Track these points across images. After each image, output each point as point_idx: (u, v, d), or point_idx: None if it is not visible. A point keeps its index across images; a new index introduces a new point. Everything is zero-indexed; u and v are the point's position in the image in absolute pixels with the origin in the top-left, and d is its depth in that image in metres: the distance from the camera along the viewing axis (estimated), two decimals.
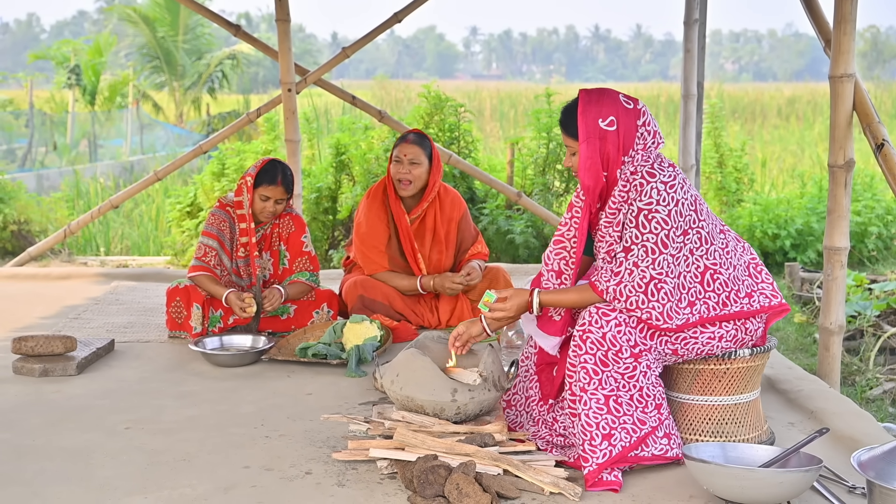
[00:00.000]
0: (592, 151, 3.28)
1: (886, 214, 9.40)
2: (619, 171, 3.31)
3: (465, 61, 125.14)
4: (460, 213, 5.42)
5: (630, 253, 3.23)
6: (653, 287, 3.19)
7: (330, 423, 3.75)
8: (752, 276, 3.42)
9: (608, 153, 3.29)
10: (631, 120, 3.31)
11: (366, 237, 5.30)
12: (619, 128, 3.29)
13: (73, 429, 3.69)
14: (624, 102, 3.32)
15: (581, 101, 3.33)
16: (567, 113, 3.38)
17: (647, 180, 3.24)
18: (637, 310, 3.21)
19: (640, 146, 3.31)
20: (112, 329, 5.38)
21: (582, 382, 3.19)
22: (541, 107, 9.31)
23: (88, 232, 10.24)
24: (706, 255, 3.30)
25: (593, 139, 3.28)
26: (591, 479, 3.13)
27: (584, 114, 3.30)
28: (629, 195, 3.28)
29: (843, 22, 4.54)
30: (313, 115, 11.40)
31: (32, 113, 18.78)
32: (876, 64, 59.69)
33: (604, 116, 3.28)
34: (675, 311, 3.22)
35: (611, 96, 3.33)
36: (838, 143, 4.63)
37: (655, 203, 3.22)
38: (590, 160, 3.28)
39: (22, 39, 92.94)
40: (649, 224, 3.21)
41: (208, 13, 7.89)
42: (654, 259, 3.20)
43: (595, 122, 3.28)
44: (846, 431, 3.63)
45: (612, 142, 3.28)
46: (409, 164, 5.16)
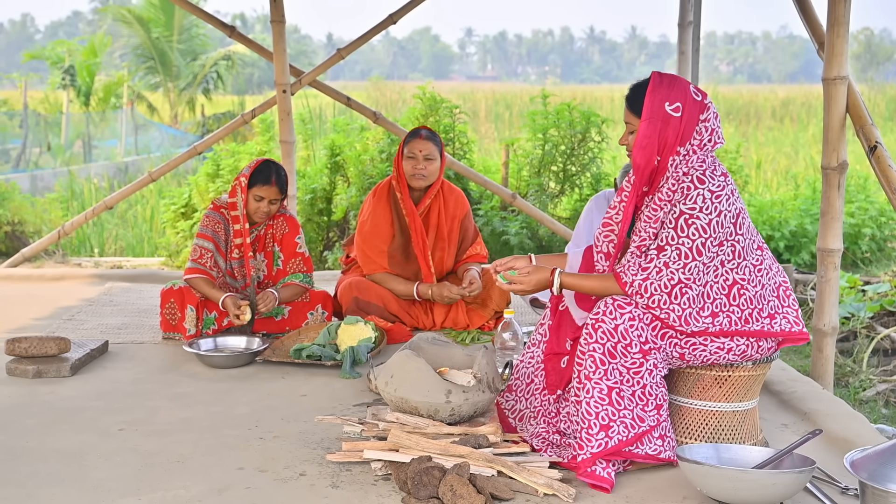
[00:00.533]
0: (652, 132, 3.29)
1: (880, 216, 9.42)
2: (671, 161, 3.31)
3: (461, 62, 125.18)
4: (464, 212, 5.44)
5: (663, 252, 3.24)
6: (678, 290, 3.21)
7: (324, 425, 3.75)
8: (780, 298, 3.40)
9: (667, 138, 3.29)
10: (695, 111, 3.32)
11: (368, 236, 5.29)
12: (683, 116, 3.29)
13: (66, 430, 3.69)
14: (693, 93, 3.33)
15: (652, 81, 3.34)
16: (636, 90, 3.40)
17: (695, 185, 3.24)
18: (657, 308, 3.22)
19: (696, 141, 3.31)
20: (106, 330, 5.37)
21: (588, 370, 3.21)
22: (536, 108, 9.31)
23: (82, 233, 10.22)
24: (737, 269, 3.30)
25: (655, 120, 3.29)
26: (583, 468, 3.15)
27: (652, 93, 3.31)
28: (674, 196, 3.28)
29: (837, 24, 4.55)
30: (308, 116, 11.39)
31: (27, 113, 18.74)
32: (870, 66, 59.80)
33: (671, 101, 3.29)
34: (694, 317, 3.23)
35: (682, 84, 3.34)
36: (832, 146, 4.64)
37: (699, 210, 3.22)
38: (647, 139, 3.29)
39: (16, 40, 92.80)
40: (688, 229, 3.22)
41: (203, 14, 7.88)
42: (686, 264, 3.21)
43: (661, 104, 3.29)
44: (839, 433, 3.64)
45: (673, 127, 3.29)
46: (423, 159, 5.18)
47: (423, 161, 5.18)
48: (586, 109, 9.13)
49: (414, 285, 5.25)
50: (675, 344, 3.29)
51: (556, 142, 8.96)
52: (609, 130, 9.21)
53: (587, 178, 8.96)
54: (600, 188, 8.76)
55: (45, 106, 23.38)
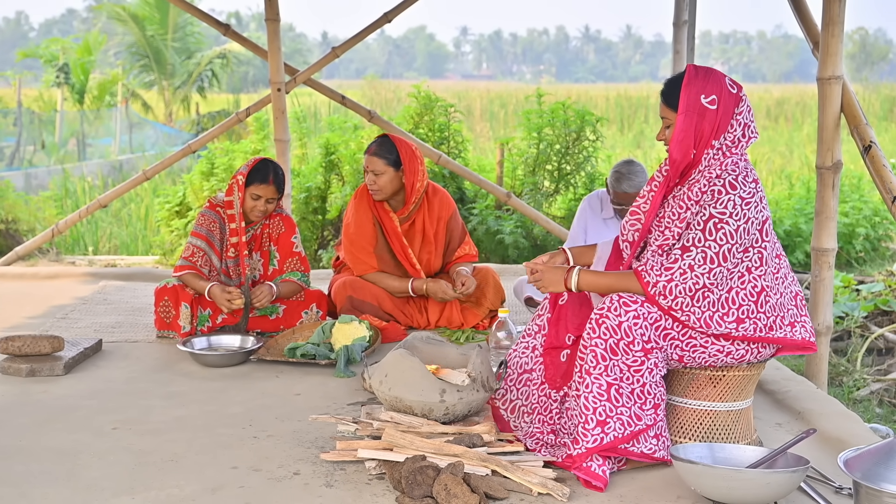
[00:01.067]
0: (689, 125, 3.28)
1: (874, 216, 9.44)
2: (706, 154, 3.29)
3: (456, 61, 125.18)
4: (449, 213, 5.41)
5: (688, 253, 3.23)
6: (700, 294, 3.21)
7: (318, 424, 3.74)
8: (798, 307, 3.40)
9: (703, 131, 3.28)
10: (731, 104, 3.30)
11: (354, 238, 5.29)
12: (720, 108, 3.28)
13: (60, 429, 3.68)
14: (729, 86, 3.32)
15: (688, 74, 3.33)
16: (671, 84, 3.38)
17: (727, 190, 3.23)
18: (679, 311, 3.22)
19: (730, 136, 3.30)
20: (100, 329, 5.36)
21: (589, 365, 3.21)
22: (531, 107, 9.31)
23: (76, 231, 10.21)
24: (764, 276, 3.30)
25: (692, 113, 3.28)
26: (577, 462, 3.16)
27: (688, 86, 3.29)
28: (703, 197, 3.27)
29: (831, 24, 4.55)
30: (303, 114, 11.38)
31: (21, 111, 18.71)
32: (864, 66, 59.94)
33: (707, 93, 3.28)
34: (716, 321, 3.23)
35: (717, 76, 3.33)
36: (826, 145, 4.65)
37: (728, 215, 3.21)
38: (684, 133, 3.28)
39: (10, 37, 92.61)
40: (716, 233, 3.21)
41: (198, 12, 7.87)
42: (712, 269, 3.20)
43: (697, 97, 3.28)
44: (833, 432, 3.64)
45: (709, 120, 3.28)
46: (372, 174, 5.18)
47: (371, 175, 5.19)
48: (581, 108, 9.13)
49: (409, 281, 5.25)
50: (676, 346, 3.29)
51: (551, 141, 8.96)
52: (604, 130, 9.21)
53: (582, 177, 8.96)
54: (595, 187, 8.76)
55: (40, 104, 23.34)
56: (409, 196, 5.23)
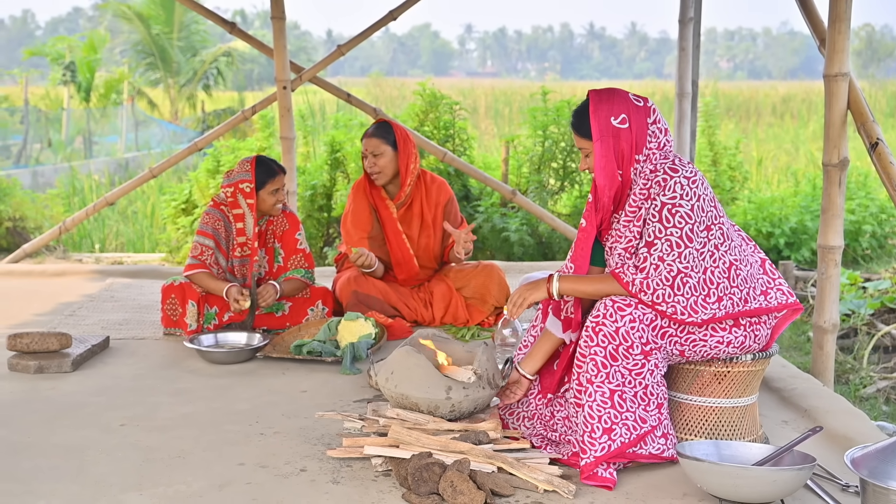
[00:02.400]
0: (607, 149, 3.29)
1: (880, 213, 9.42)
2: (634, 169, 3.32)
3: (460, 59, 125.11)
4: (446, 198, 5.47)
5: (653, 247, 3.23)
6: (679, 281, 3.20)
7: (324, 421, 3.75)
8: (767, 273, 3.43)
9: (622, 151, 3.30)
10: (642, 118, 3.32)
11: (350, 227, 5.36)
12: (632, 125, 3.30)
13: (68, 426, 3.69)
14: (634, 100, 3.34)
15: (592, 101, 3.34)
16: (579, 115, 3.38)
17: (669, 175, 3.25)
18: (663, 303, 3.21)
19: (653, 144, 3.32)
20: (107, 326, 5.38)
21: (590, 374, 3.20)
22: (536, 105, 9.30)
23: (83, 229, 10.22)
24: (730, 250, 3.31)
25: (607, 137, 3.29)
26: (586, 472, 3.15)
27: (595, 112, 3.31)
28: (650, 191, 3.28)
29: (838, 21, 4.54)
30: (308, 112, 11.39)
31: (27, 110, 18.75)
32: (871, 62, 59.81)
33: (615, 114, 3.30)
34: (701, 305, 3.23)
35: (620, 95, 3.34)
36: (832, 142, 4.64)
37: (679, 198, 3.23)
38: (605, 158, 3.29)
39: (17, 36, 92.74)
40: (673, 218, 3.22)
41: (203, 10, 7.88)
42: (681, 253, 3.21)
43: (608, 121, 3.29)
44: (840, 430, 3.64)
45: (625, 139, 3.29)
46: (372, 156, 5.23)
47: (371, 158, 5.24)
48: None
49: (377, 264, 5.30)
50: (675, 342, 3.29)
51: (556, 138, 8.95)
52: None
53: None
54: None
55: (46, 102, 23.37)
56: (403, 178, 5.29)
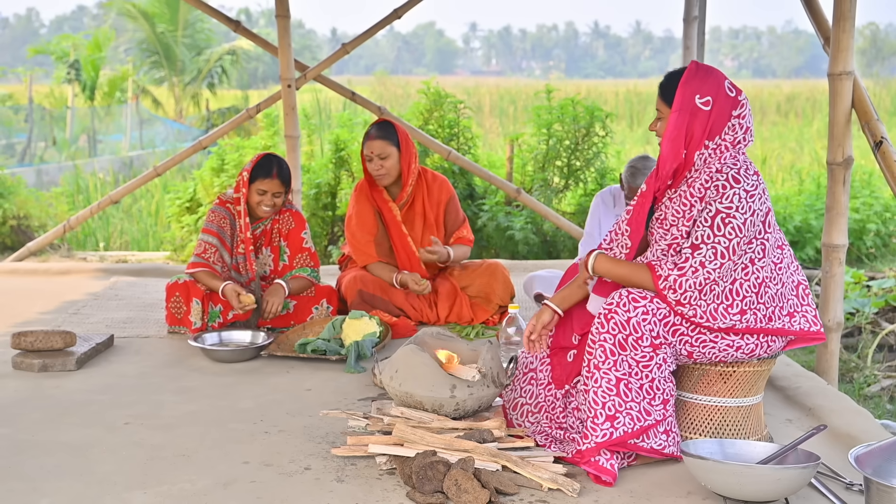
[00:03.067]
0: (680, 124, 3.29)
1: (885, 211, 9.41)
2: (700, 154, 3.30)
3: (465, 57, 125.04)
4: (448, 196, 5.48)
5: (698, 251, 3.22)
6: (707, 288, 3.21)
7: (329, 419, 3.76)
8: (799, 297, 3.39)
9: (694, 131, 3.29)
10: (727, 107, 3.31)
11: (356, 230, 5.36)
12: (713, 110, 3.28)
13: (72, 424, 3.70)
14: (727, 88, 3.32)
15: (686, 72, 3.33)
16: (670, 78, 3.39)
17: (730, 184, 3.24)
18: (686, 305, 3.21)
19: (728, 137, 3.30)
20: (111, 324, 5.39)
21: (598, 360, 3.21)
22: (541, 103, 9.30)
23: (88, 227, 10.25)
24: (765, 267, 3.30)
25: (685, 112, 3.28)
26: (586, 457, 3.17)
27: (684, 85, 3.30)
28: (708, 193, 3.27)
29: (843, 19, 4.54)
30: (313, 110, 11.39)
31: (32, 108, 18.78)
32: (875, 61, 59.70)
33: (702, 94, 3.29)
34: (721, 314, 3.22)
35: (717, 77, 3.33)
36: (837, 141, 4.64)
37: (735, 209, 3.22)
38: (676, 131, 3.29)
39: (21, 34, 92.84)
40: (724, 228, 3.21)
41: (208, 9, 7.88)
42: (722, 264, 3.20)
43: (692, 97, 3.29)
44: (844, 428, 3.64)
45: (700, 121, 3.28)
46: (378, 159, 5.21)
47: (377, 161, 5.22)
48: (591, 104, 9.11)
49: (394, 273, 5.30)
50: (685, 341, 3.29)
51: (561, 137, 8.95)
52: (613, 125, 9.19)
53: (591, 172, 8.95)
54: (605, 183, 8.75)
55: (51, 100, 23.42)
56: (405, 178, 5.29)
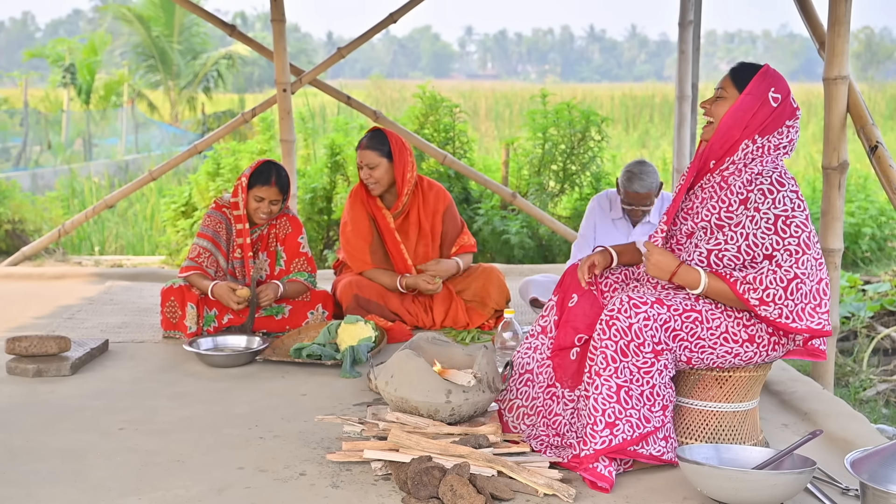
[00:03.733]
0: (749, 106, 3.35)
1: (880, 215, 9.43)
2: (744, 146, 3.34)
3: (461, 61, 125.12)
4: (445, 205, 5.44)
5: (773, 259, 3.23)
6: (794, 285, 3.19)
7: (324, 424, 3.75)
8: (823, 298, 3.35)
9: (756, 118, 3.34)
10: (786, 111, 3.38)
11: (351, 237, 5.34)
12: (777, 108, 3.36)
13: (67, 429, 3.69)
14: (792, 98, 3.41)
15: (766, 67, 3.43)
16: (746, 67, 3.46)
17: (777, 188, 3.27)
18: (771, 304, 3.18)
19: (774, 140, 3.36)
20: (106, 329, 5.37)
21: (599, 366, 3.21)
22: (536, 107, 9.31)
23: (83, 231, 10.23)
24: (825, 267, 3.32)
25: (755, 98, 3.35)
26: (584, 464, 3.16)
27: (764, 75, 3.39)
28: (752, 197, 3.29)
29: (838, 24, 4.55)
30: (309, 114, 11.39)
31: (27, 112, 18.75)
32: (870, 65, 59.81)
33: (777, 90, 3.37)
34: (808, 313, 3.20)
35: (787, 84, 3.43)
36: (832, 145, 4.64)
37: (791, 210, 3.24)
38: (742, 112, 3.35)
39: (17, 38, 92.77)
40: (789, 228, 3.22)
41: (203, 13, 7.88)
42: (798, 258, 3.20)
43: (767, 88, 3.36)
44: (840, 433, 3.63)
45: (763, 112, 3.35)
46: (367, 169, 5.20)
47: (367, 170, 5.21)
48: (586, 108, 9.13)
49: (397, 278, 5.28)
50: (684, 347, 3.29)
51: (556, 141, 8.96)
52: (609, 129, 9.20)
53: (587, 177, 8.96)
54: (600, 187, 8.76)
55: (46, 104, 23.38)
56: (400, 188, 5.26)
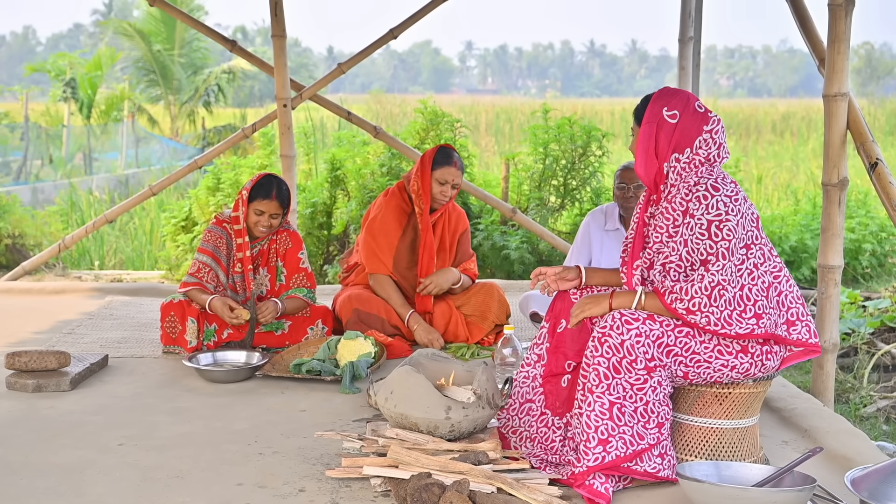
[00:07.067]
0: (648, 134, 3.40)
1: (880, 231, 9.42)
2: (668, 165, 3.38)
3: (461, 76, 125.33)
4: (463, 228, 5.54)
5: (707, 264, 3.26)
6: (716, 292, 3.22)
7: (324, 440, 3.74)
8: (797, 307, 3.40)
9: (658, 142, 3.39)
10: (695, 122, 3.39)
11: (378, 233, 5.32)
12: (679, 123, 3.38)
13: (66, 445, 3.68)
14: (696, 105, 3.42)
15: (658, 91, 3.48)
16: (643, 101, 3.52)
17: (711, 193, 3.30)
18: (698, 312, 3.22)
19: (701, 151, 3.37)
20: (106, 344, 5.37)
21: (591, 384, 3.21)
22: (537, 122, 9.31)
23: (82, 246, 10.23)
24: (770, 271, 3.34)
25: (652, 123, 3.40)
26: (578, 480, 3.17)
27: (654, 101, 3.44)
28: (690, 206, 3.32)
29: (837, 41, 4.56)
30: (310, 129, 11.41)
31: (28, 126, 18.77)
32: (870, 80, 59.92)
33: (670, 107, 3.40)
34: (736, 319, 3.22)
35: (684, 96, 3.45)
36: (832, 162, 4.65)
37: (724, 214, 3.27)
38: (645, 142, 3.41)
39: (18, 52, 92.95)
40: (721, 232, 3.25)
41: (204, 28, 7.91)
42: (724, 265, 3.23)
43: (659, 110, 3.41)
44: (840, 450, 3.63)
45: (665, 132, 3.38)
46: (452, 188, 5.26)
47: (451, 189, 5.26)
48: (587, 123, 9.14)
49: (409, 311, 5.26)
50: (679, 362, 3.29)
51: (557, 156, 8.96)
52: (610, 145, 9.21)
53: (588, 192, 8.96)
54: (601, 202, 8.76)
55: (47, 118, 23.41)
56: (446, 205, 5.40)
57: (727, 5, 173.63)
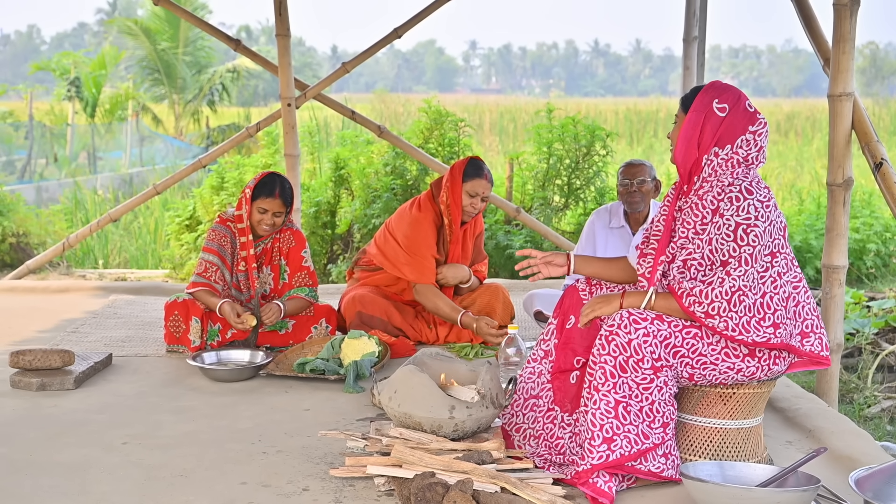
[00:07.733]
0: (695, 123, 3.37)
1: (885, 231, 9.41)
2: (707, 158, 3.35)
3: (465, 75, 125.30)
4: (480, 230, 5.58)
5: (728, 265, 3.25)
6: (736, 298, 3.20)
7: (327, 440, 3.74)
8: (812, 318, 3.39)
9: (703, 132, 3.36)
10: (742, 120, 3.36)
11: (419, 247, 5.26)
12: (727, 117, 3.35)
13: (70, 443, 3.69)
14: (746, 105, 3.40)
15: (711, 82, 3.45)
16: (694, 90, 3.48)
17: (744, 196, 3.28)
18: (717, 316, 3.21)
19: (740, 151, 3.34)
20: (110, 343, 5.37)
21: (597, 382, 3.21)
22: (541, 122, 9.31)
23: (87, 245, 10.24)
24: (791, 282, 3.32)
25: (700, 113, 3.37)
26: (582, 478, 3.17)
27: (706, 90, 3.41)
28: (721, 206, 3.30)
29: (842, 41, 4.56)
30: (315, 128, 11.41)
31: (32, 125, 18.80)
32: (875, 80, 59.88)
33: (721, 100, 3.37)
34: (754, 327, 3.21)
35: (736, 93, 3.42)
36: (837, 162, 4.65)
37: (754, 219, 3.25)
38: (690, 130, 3.37)
39: (22, 51, 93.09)
40: (747, 237, 3.24)
41: (208, 27, 7.91)
42: (746, 271, 3.22)
43: (710, 101, 3.37)
44: (844, 450, 3.63)
45: (712, 124, 3.35)
46: (481, 200, 5.26)
47: (480, 202, 5.26)
48: (591, 123, 9.13)
49: (459, 314, 5.21)
50: (686, 363, 3.28)
51: (561, 155, 8.96)
52: (614, 144, 9.20)
53: (591, 191, 8.96)
54: (605, 202, 8.76)
55: (51, 117, 23.45)
56: None
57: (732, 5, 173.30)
